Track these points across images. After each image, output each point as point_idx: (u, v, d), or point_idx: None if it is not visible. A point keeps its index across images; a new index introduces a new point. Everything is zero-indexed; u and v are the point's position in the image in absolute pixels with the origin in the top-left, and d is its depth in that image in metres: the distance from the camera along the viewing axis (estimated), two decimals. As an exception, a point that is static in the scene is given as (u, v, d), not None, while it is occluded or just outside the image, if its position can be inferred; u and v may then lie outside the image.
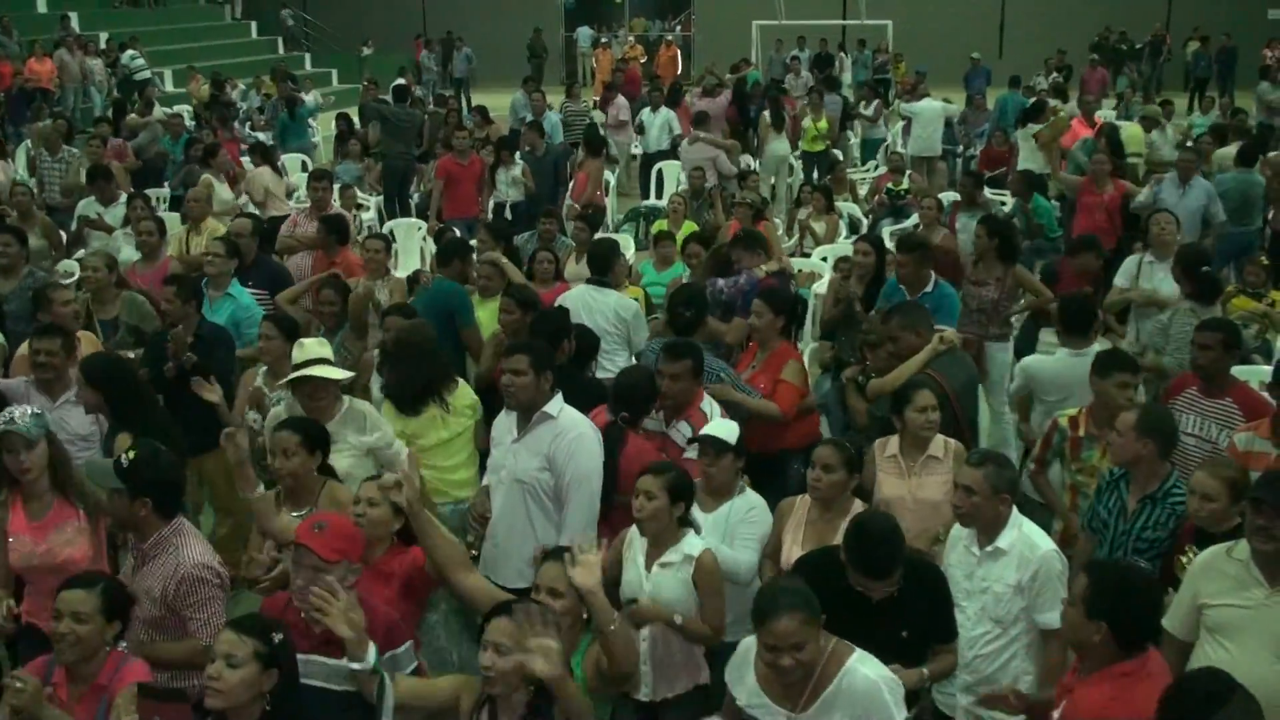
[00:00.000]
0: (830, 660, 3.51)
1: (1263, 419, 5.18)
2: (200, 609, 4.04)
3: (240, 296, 7.23)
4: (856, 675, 3.49)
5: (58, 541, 4.47)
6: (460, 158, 11.79)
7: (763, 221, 10.11)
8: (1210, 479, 4.36)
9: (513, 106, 17.45)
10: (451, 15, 31.73)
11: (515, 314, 6.41)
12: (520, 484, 4.84)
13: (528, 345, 5.02)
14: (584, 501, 4.74)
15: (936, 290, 7.18)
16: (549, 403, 4.81)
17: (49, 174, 11.90)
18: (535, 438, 4.82)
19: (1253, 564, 3.80)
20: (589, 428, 4.89)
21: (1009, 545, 4.29)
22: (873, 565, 3.89)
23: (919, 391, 5.18)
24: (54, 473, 4.52)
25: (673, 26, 33.88)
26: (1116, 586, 3.46)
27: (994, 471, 4.30)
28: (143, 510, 4.07)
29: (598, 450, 4.85)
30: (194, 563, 4.05)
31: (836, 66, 24.92)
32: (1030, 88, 19.09)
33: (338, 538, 3.73)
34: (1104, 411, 5.25)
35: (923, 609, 4.03)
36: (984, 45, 26.56)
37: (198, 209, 9.29)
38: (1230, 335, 5.59)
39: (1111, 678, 3.39)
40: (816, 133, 15.73)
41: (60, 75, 19.69)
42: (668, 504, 4.30)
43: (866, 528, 3.97)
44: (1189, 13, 29.00)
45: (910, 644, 3.99)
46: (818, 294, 9.86)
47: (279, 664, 3.35)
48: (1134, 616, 3.45)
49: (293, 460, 4.62)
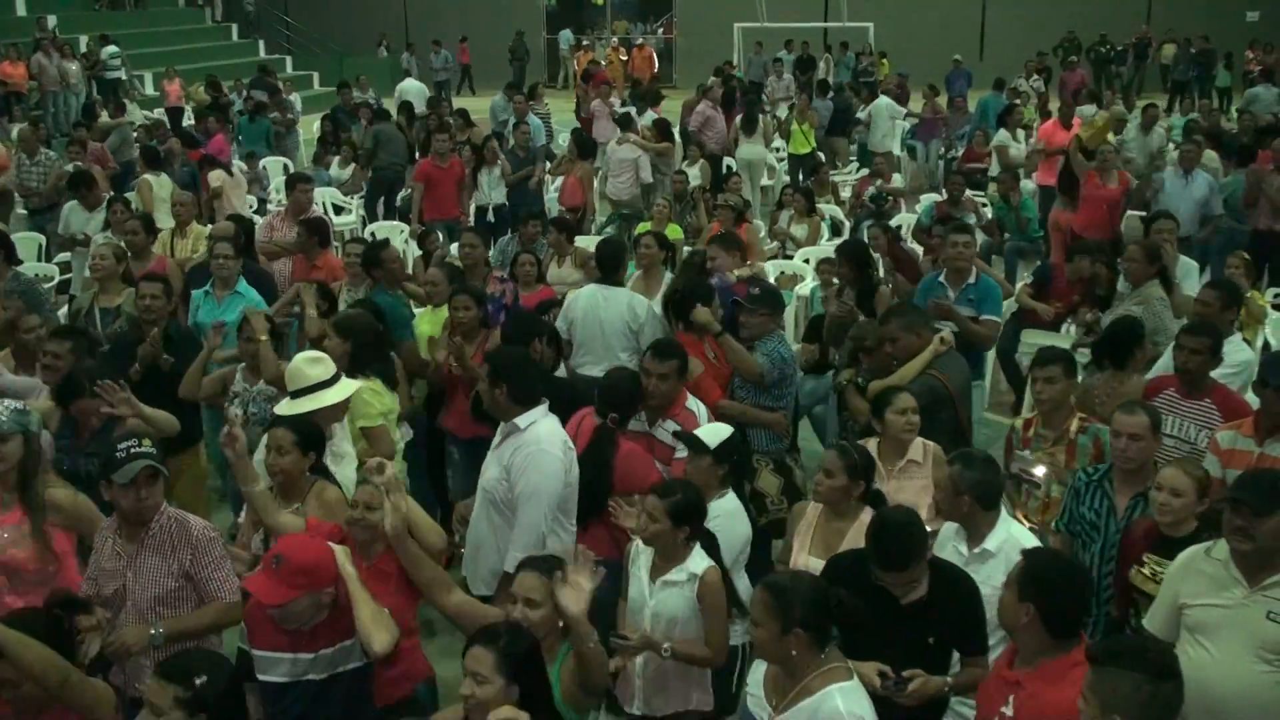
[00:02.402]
0: (820, 676, 3.50)
1: (1246, 418, 5.19)
2: (217, 568, 4.16)
3: (248, 294, 7.25)
4: (829, 703, 3.45)
5: (3, 540, 4.40)
6: (440, 160, 11.75)
7: (744, 224, 10.13)
8: (1181, 475, 4.36)
9: (492, 110, 17.42)
10: (433, 18, 31.68)
11: (471, 310, 6.39)
12: (484, 491, 4.86)
13: (488, 356, 5.01)
14: (530, 519, 4.65)
15: (980, 282, 7.19)
16: (521, 415, 4.76)
17: (27, 177, 11.85)
18: (503, 448, 4.82)
19: (1231, 564, 3.81)
20: (553, 445, 4.75)
21: (997, 547, 4.30)
22: (887, 557, 3.89)
23: (899, 394, 5.20)
24: (20, 473, 4.47)
25: (654, 29, 33.90)
26: (1046, 571, 3.53)
27: (958, 471, 4.35)
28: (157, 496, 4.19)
29: (553, 469, 4.71)
30: (201, 525, 4.22)
31: (820, 69, 24.98)
32: (1014, 89, 19.20)
33: (293, 573, 3.72)
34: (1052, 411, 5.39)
35: (952, 617, 4.00)
36: (965, 47, 26.65)
37: (184, 212, 9.27)
38: (1219, 340, 5.63)
39: (1072, 681, 3.38)
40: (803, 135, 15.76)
41: (39, 79, 19.57)
42: (670, 528, 4.24)
43: (885, 519, 4.03)
44: (1166, 15, 29.19)
45: (937, 651, 3.96)
46: (800, 296, 9.88)
47: (205, 707, 3.22)
48: (1061, 601, 3.50)
49: (286, 458, 4.66)
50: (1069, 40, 27.90)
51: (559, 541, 4.79)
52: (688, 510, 4.27)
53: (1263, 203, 10.34)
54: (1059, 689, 3.38)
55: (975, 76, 22.71)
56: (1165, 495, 4.34)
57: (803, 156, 15.80)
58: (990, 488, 4.38)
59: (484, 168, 12.39)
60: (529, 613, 3.61)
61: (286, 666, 3.76)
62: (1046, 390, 5.35)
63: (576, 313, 6.96)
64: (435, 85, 26.28)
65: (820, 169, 14.34)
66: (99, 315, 7.16)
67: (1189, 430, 5.47)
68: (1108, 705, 3.04)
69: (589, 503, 4.94)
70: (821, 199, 12.79)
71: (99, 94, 20.27)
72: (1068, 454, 5.29)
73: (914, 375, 5.81)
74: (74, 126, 15.96)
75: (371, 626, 3.76)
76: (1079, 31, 28.28)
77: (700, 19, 31.66)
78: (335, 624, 3.78)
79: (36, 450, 4.60)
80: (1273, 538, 3.70)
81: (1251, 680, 3.70)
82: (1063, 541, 4.92)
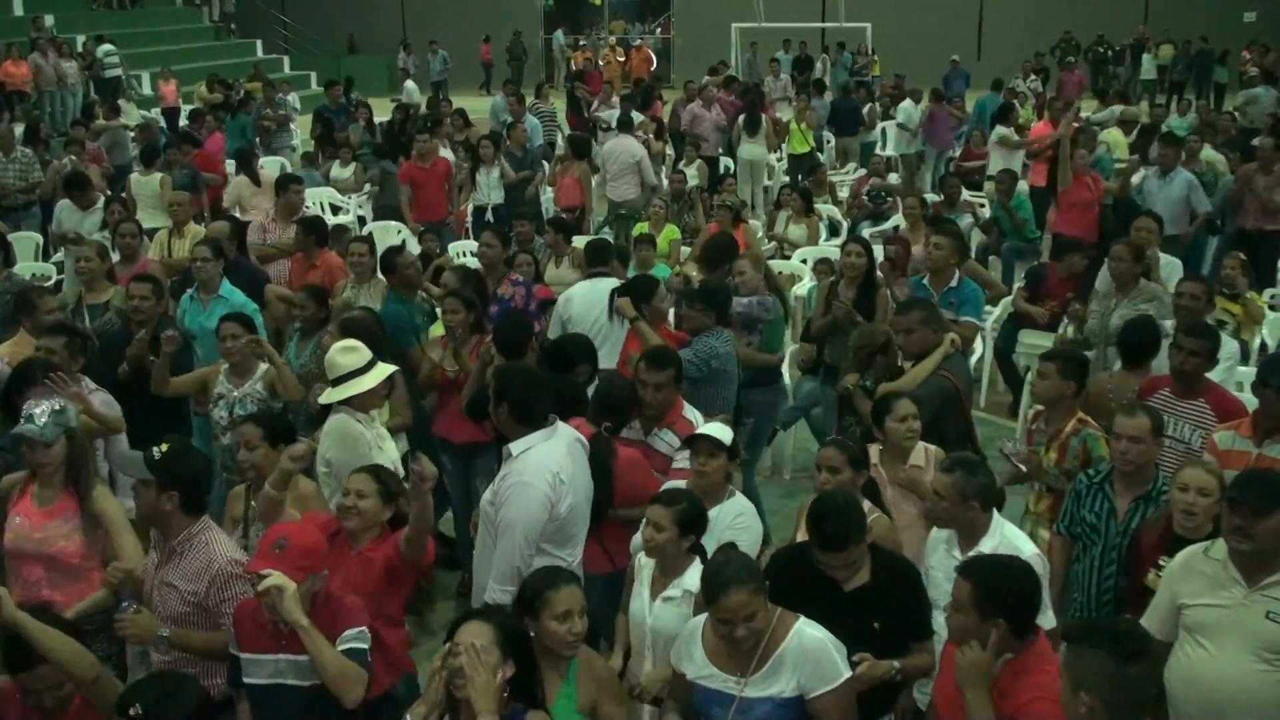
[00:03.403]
0: (778, 626, 3.63)
1: (1243, 418, 5.19)
2: (234, 604, 4.08)
3: (232, 296, 7.22)
4: (805, 635, 3.63)
5: (54, 532, 4.51)
6: (422, 161, 11.68)
7: (741, 225, 10.13)
8: (1206, 474, 4.34)
9: (493, 109, 17.40)
10: (431, 18, 31.67)
11: (460, 313, 6.37)
12: (482, 509, 4.77)
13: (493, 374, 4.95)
14: (506, 551, 4.46)
15: (962, 285, 7.21)
16: (519, 438, 4.58)
17: (3, 175, 11.85)
18: (501, 471, 4.71)
19: (1230, 563, 3.81)
20: (539, 478, 4.50)
21: (991, 550, 4.24)
22: (827, 539, 3.93)
23: (899, 401, 5.16)
24: (69, 468, 4.56)
25: (652, 29, 33.91)
26: (1000, 582, 3.54)
27: (961, 477, 4.29)
28: (169, 504, 4.11)
29: (534, 503, 4.48)
30: (227, 559, 4.12)
31: (818, 69, 24.97)
32: (1013, 90, 19.20)
33: (299, 554, 3.74)
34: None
35: (895, 602, 4.04)
36: (962, 47, 26.65)
37: (180, 212, 9.27)
38: (1216, 343, 5.63)
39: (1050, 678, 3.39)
40: (801, 135, 15.76)
41: (36, 78, 19.56)
42: (677, 536, 4.22)
43: (823, 502, 4.08)
44: (1164, 16, 29.22)
45: (883, 636, 3.99)
46: (798, 296, 9.88)
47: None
48: (1026, 603, 3.54)
49: (254, 453, 4.75)
50: (1067, 41, 27.99)
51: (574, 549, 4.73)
52: (693, 518, 4.26)
53: (1249, 202, 10.37)
54: (1030, 676, 3.44)
55: (973, 77, 22.71)
56: (1192, 496, 4.29)
57: (801, 156, 15.78)
58: (991, 491, 4.37)
59: (481, 168, 12.38)
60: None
61: (270, 668, 3.77)
62: (1038, 384, 5.48)
63: (573, 310, 6.93)
64: (432, 86, 26.27)
65: (818, 169, 14.33)
66: (87, 312, 7.23)
67: (1184, 430, 5.46)
68: (1078, 683, 3.11)
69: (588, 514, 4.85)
70: (819, 199, 12.78)
71: (98, 93, 20.24)
72: (1059, 452, 5.30)
73: (926, 376, 5.78)
74: (72, 125, 15.94)
75: (340, 681, 3.70)
76: (1077, 32, 28.32)
77: (698, 19, 31.68)
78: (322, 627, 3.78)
79: (82, 446, 4.66)
80: (1271, 538, 3.70)
81: (1250, 680, 3.70)
82: (1062, 544, 4.91)
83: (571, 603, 3.71)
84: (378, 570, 4.29)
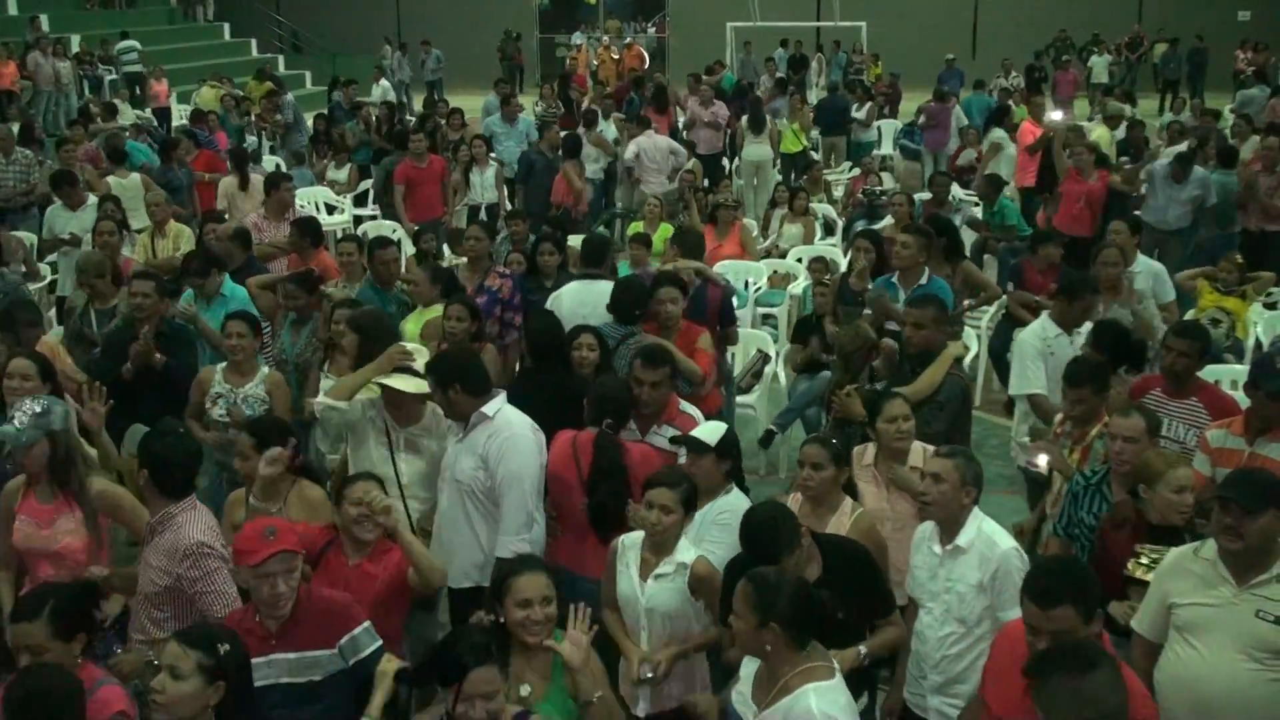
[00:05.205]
0: (800, 675, 3.52)
1: (1235, 416, 5.21)
2: (206, 583, 4.13)
3: (234, 293, 7.24)
4: (802, 702, 3.47)
5: (59, 529, 4.56)
6: (417, 161, 11.67)
7: (737, 223, 10.14)
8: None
9: (485, 108, 17.38)
10: (424, 17, 31.63)
11: (464, 322, 6.26)
12: (459, 484, 4.86)
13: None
14: (516, 502, 4.72)
15: (931, 283, 7.17)
16: (487, 404, 4.81)
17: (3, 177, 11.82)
18: (473, 438, 4.84)
19: (1220, 563, 3.82)
20: (526, 429, 4.84)
21: (968, 543, 4.23)
22: (757, 552, 3.96)
23: (890, 401, 5.14)
24: (53, 470, 4.56)
25: (646, 28, 33.89)
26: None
27: (963, 463, 4.29)
28: (141, 480, 4.24)
29: (532, 450, 4.81)
30: (192, 540, 4.15)
31: (813, 69, 24.98)
32: (1007, 90, 19.20)
33: (290, 534, 3.81)
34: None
35: (851, 588, 4.07)
36: (957, 46, 26.64)
37: (159, 212, 9.35)
38: (1206, 344, 5.66)
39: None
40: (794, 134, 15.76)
41: (34, 79, 19.51)
42: (682, 516, 4.29)
43: (751, 516, 4.16)
44: (1159, 14, 29.25)
45: (850, 626, 4.02)
46: (793, 295, 9.90)
47: (226, 676, 3.30)
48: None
49: (249, 462, 4.77)
50: (1061, 39, 27.98)
51: (538, 526, 4.85)
52: (693, 494, 4.36)
53: (1252, 204, 10.38)
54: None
55: (967, 76, 22.71)
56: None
57: (794, 155, 15.79)
58: (982, 480, 4.38)
59: (475, 167, 12.38)
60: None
61: (262, 670, 3.76)
62: (1076, 410, 5.36)
63: (562, 310, 6.93)
64: (427, 85, 26.22)
65: (813, 167, 14.33)
66: (94, 316, 7.12)
67: (1178, 429, 5.47)
68: (1049, 714, 3.08)
69: (608, 514, 4.86)
70: (814, 198, 12.80)
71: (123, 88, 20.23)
72: (1082, 455, 5.30)
73: (940, 379, 5.74)
74: (69, 125, 15.91)
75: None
76: (1071, 31, 28.34)
77: (692, 18, 31.62)
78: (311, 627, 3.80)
79: (67, 445, 4.63)
80: (1261, 536, 3.72)
81: (1240, 679, 3.71)
82: (1060, 545, 4.89)
83: (533, 590, 3.73)
84: (380, 584, 4.29)
